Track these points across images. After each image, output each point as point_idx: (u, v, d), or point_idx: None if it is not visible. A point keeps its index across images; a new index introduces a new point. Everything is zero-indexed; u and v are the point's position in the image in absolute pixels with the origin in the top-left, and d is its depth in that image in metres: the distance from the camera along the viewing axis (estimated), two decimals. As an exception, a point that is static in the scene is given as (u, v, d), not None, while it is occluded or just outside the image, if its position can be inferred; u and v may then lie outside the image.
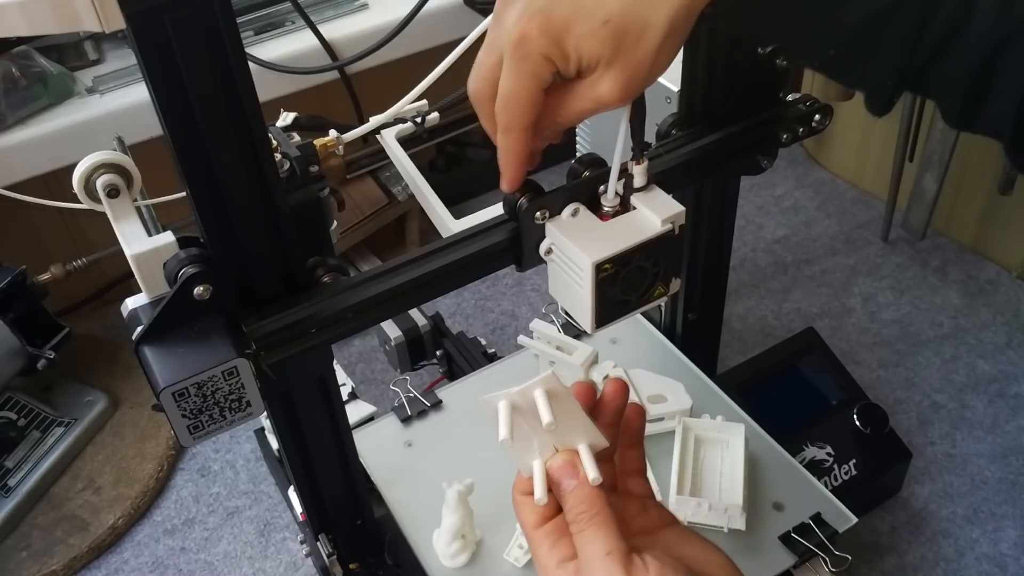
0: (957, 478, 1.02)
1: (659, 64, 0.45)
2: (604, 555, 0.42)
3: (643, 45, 0.44)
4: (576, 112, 0.48)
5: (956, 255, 1.30)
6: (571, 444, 0.46)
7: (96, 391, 1.13)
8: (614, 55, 0.45)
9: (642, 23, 0.44)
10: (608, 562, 0.42)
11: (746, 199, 1.41)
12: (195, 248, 0.52)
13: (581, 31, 0.44)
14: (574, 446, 0.46)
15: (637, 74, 0.45)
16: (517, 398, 0.44)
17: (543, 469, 0.45)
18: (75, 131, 1.01)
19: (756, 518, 0.76)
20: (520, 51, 0.46)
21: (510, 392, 0.44)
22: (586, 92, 0.47)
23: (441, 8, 1.10)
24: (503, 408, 0.44)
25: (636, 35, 0.44)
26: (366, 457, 0.82)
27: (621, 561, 0.42)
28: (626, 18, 0.44)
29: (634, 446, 0.50)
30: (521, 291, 1.30)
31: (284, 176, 0.63)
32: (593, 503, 0.44)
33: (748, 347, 1.18)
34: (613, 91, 0.46)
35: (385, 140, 0.77)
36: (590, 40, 0.44)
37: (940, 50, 0.42)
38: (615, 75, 0.45)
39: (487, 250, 0.57)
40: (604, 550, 0.42)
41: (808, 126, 0.70)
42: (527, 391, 0.44)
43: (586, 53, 0.45)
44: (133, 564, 1.01)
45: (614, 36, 0.44)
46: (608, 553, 0.42)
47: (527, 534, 0.47)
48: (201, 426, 0.51)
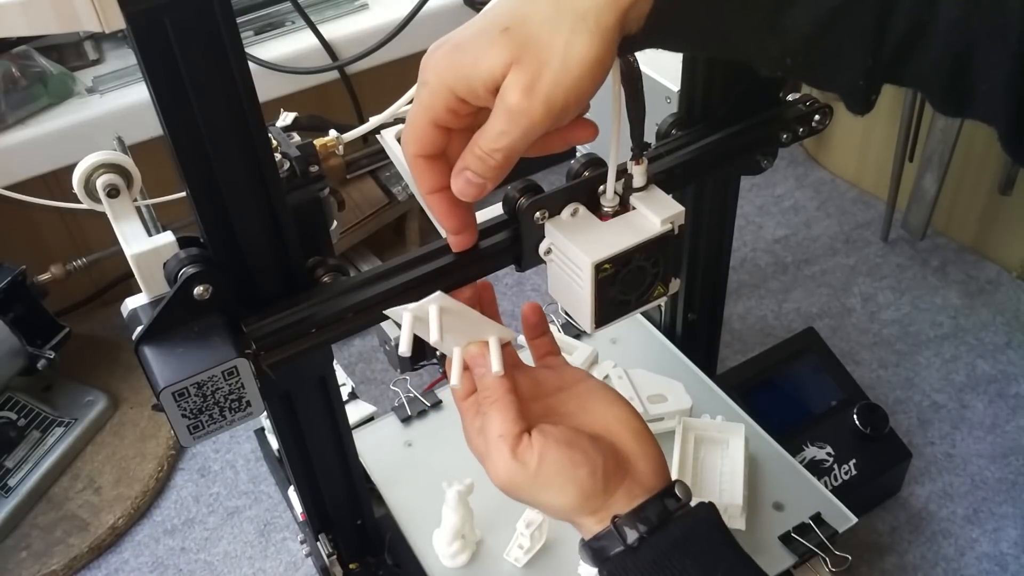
0: (957, 478, 1.02)
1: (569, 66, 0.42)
2: (498, 436, 0.51)
3: (548, 44, 0.42)
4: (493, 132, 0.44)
5: (956, 255, 1.30)
6: (483, 338, 0.54)
7: (96, 391, 1.13)
8: (517, 58, 0.42)
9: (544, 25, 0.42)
10: (500, 443, 0.51)
11: (746, 199, 1.41)
12: (195, 248, 0.53)
13: (479, 44, 0.43)
14: (486, 339, 0.54)
15: (544, 74, 0.42)
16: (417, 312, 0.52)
17: (460, 357, 0.54)
18: (75, 131, 1.01)
19: (756, 518, 0.76)
20: (421, 77, 0.46)
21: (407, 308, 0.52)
22: (497, 106, 0.43)
23: (441, 8, 1.10)
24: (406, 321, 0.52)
25: (537, 36, 0.42)
26: (366, 457, 0.82)
27: (510, 443, 0.50)
28: (527, 22, 0.42)
29: (541, 335, 0.60)
30: (521, 291, 1.30)
31: (284, 176, 0.63)
32: (495, 389, 0.52)
33: (748, 347, 1.18)
34: (520, 95, 0.42)
35: (385, 140, 0.77)
36: (489, 51, 0.43)
37: (908, 45, 0.41)
38: (519, 78, 0.42)
39: (487, 250, 0.57)
40: (498, 432, 0.51)
41: (808, 126, 0.70)
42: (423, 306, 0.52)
43: (486, 65, 0.43)
44: (133, 564, 1.01)
45: (515, 40, 0.42)
46: (501, 435, 0.51)
47: (457, 404, 0.56)
48: (201, 426, 0.51)
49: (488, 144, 0.45)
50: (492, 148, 0.45)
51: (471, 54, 0.44)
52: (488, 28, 0.43)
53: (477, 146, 0.45)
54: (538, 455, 0.50)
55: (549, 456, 0.50)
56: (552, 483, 0.50)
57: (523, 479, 0.50)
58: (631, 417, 0.53)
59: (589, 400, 0.54)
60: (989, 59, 0.40)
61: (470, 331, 0.54)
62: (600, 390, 0.55)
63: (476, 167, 0.46)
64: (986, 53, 0.40)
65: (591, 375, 0.57)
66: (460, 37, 0.45)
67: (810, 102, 0.70)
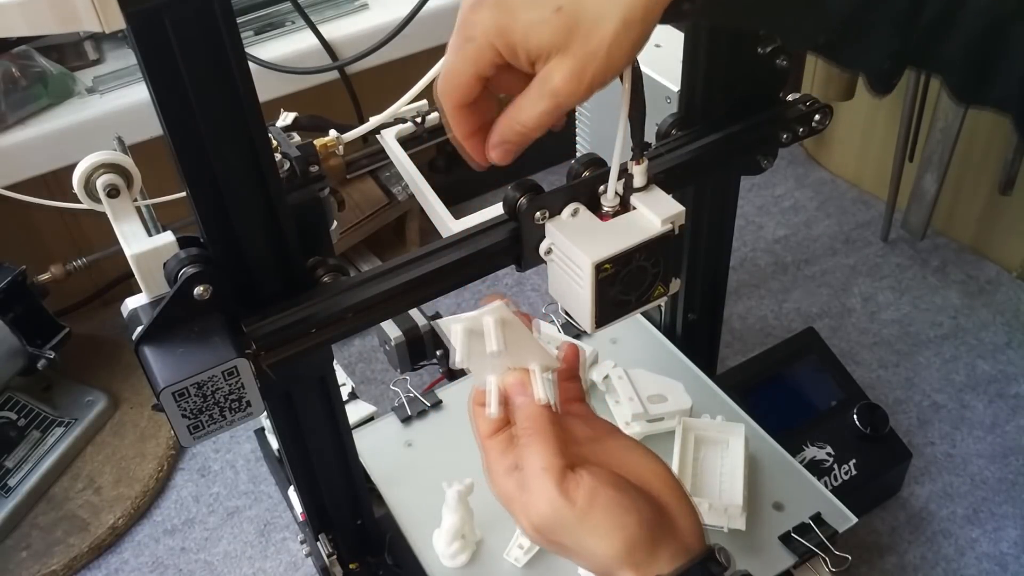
0: (957, 478, 1.02)
1: (614, 56, 0.44)
2: (541, 469, 0.46)
3: (597, 34, 0.43)
4: (535, 111, 0.46)
5: (956, 255, 1.30)
6: (525, 364, 0.50)
7: (96, 391, 1.13)
8: (566, 44, 0.43)
9: (596, 13, 0.43)
10: (544, 476, 0.46)
11: (746, 199, 1.41)
12: (195, 248, 0.52)
13: (531, 18, 0.43)
14: (527, 366, 0.50)
15: (590, 65, 0.44)
16: (471, 324, 0.48)
17: (497, 385, 0.50)
18: (75, 131, 1.01)
19: (756, 518, 0.76)
20: (465, 32, 0.46)
21: (461, 318, 0.48)
22: (541, 86, 0.45)
23: (441, 8, 1.10)
24: (459, 333, 0.48)
25: (590, 24, 0.43)
26: (366, 457, 0.82)
27: (556, 476, 0.46)
28: (580, 6, 0.43)
29: (572, 379, 0.55)
30: (521, 291, 1.30)
31: (284, 176, 0.63)
32: (538, 419, 0.48)
33: (748, 347, 1.18)
34: (567, 82, 0.44)
35: (385, 140, 0.77)
36: (540, 28, 0.43)
37: (936, 31, 0.42)
38: (568, 65, 0.44)
39: (487, 250, 0.57)
40: (542, 464, 0.46)
41: (808, 126, 0.70)
42: (478, 318, 0.48)
43: (535, 42, 0.44)
44: (133, 564, 1.01)
45: (566, 24, 0.43)
46: (545, 468, 0.46)
47: (480, 442, 0.50)
48: (201, 426, 0.51)
49: (530, 121, 0.47)
50: (534, 125, 0.47)
51: (522, 24, 0.44)
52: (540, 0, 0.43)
53: (518, 122, 0.47)
54: (588, 493, 0.45)
55: (600, 496, 0.45)
56: (599, 526, 0.45)
57: (568, 518, 0.45)
58: (668, 472, 0.50)
59: (621, 452, 0.50)
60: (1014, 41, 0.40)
61: (515, 353, 0.50)
62: (633, 443, 0.52)
63: (517, 139, 0.48)
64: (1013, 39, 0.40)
65: (620, 428, 0.53)
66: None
67: (810, 102, 0.70)
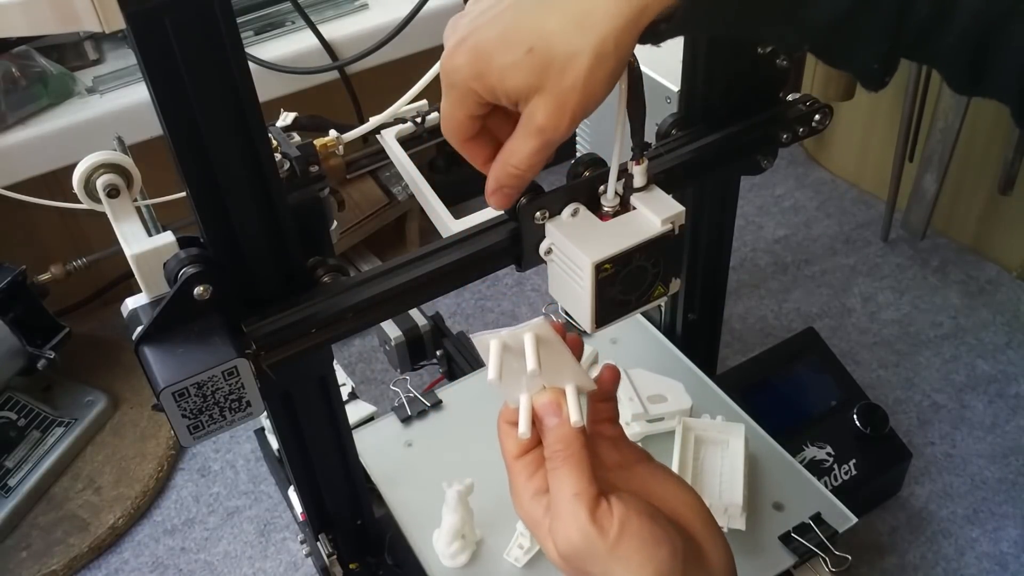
0: (957, 478, 1.02)
1: (591, 89, 0.44)
2: (572, 495, 0.44)
3: (570, 72, 0.43)
4: (526, 151, 0.47)
5: (956, 255, 1.30)
6: (559, 384, 0.47)
7: (96, 391, 1.13)
8: (541, 84, 0.44)
9: (567, 50, 0.43)
10: (575, 503, 0.44)
11: (746, 199, 1.41)
12: (195, 248, 0.52)
13: (504, 63, 0.44)
14: (562, 386, 0.47)
15: (569, 101, 0.44)
16: (508, 339, 0.46)
17: (529, 404, 0.47)
18: (75, 131, 1.01)
19: (756, 518, 0.76)
20: (447, 79, 0.47)
21: (500, 333, 0.46)
22: (527, 125, 0.46)
23: (441, 8, 1.10)
24: (494, 348, 0.46)
25: (563, 62, 0.43)
26: (366, 457, 0.82)
27: (587, 503, 0.44)
28: (550, 46, 0.43)
29: (607, 399, 0.52)
30: (521, 291, 1.30)
31: (284, 176, 0.63)
32: (571, 443, 0.46)
33: (748, 347, 1.18)
34: (549, 118, 0.45)
35: (385, 140, 0.77)
36: (514, 71, 0.44)
37: (928, 30, 0.42)
38: (548, 103, 0.44)
39: (487, 250, 0.57)
40: (573, 491, 0.44)
41: (808, 126, 0.70)
42: (517, 334, 0.46)
43: (511, 84, 0.44)
44: (133, 564, 1.01)
45: (540, 64, 0.43)
46: (576, 494, 0.44)
47: (507, 463, 0.49)
48: (201, 426, 0.51)
49: (523, 162, 0.48)
50: (527, 165, 0.48)
51: (497, 69, 0.45)
52: (512, 44, 0.44)
53: (511, 165, 0.48)
54: (619, 523, 0.44)
55: (632, 526, 0.44)
56: (630, 558, 0.43)
57: (599, 548, 0.44)
58: (699, 503, 0.48)
59: (652, 481, 0.49)
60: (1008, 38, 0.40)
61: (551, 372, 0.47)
62: (665, 470, 0.50)
63: (513, 183, 0.50)
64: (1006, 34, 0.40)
65: (650, 455, 0.51)
66: (480, 39, 0.45)
67: (810, 102, 0.70)
